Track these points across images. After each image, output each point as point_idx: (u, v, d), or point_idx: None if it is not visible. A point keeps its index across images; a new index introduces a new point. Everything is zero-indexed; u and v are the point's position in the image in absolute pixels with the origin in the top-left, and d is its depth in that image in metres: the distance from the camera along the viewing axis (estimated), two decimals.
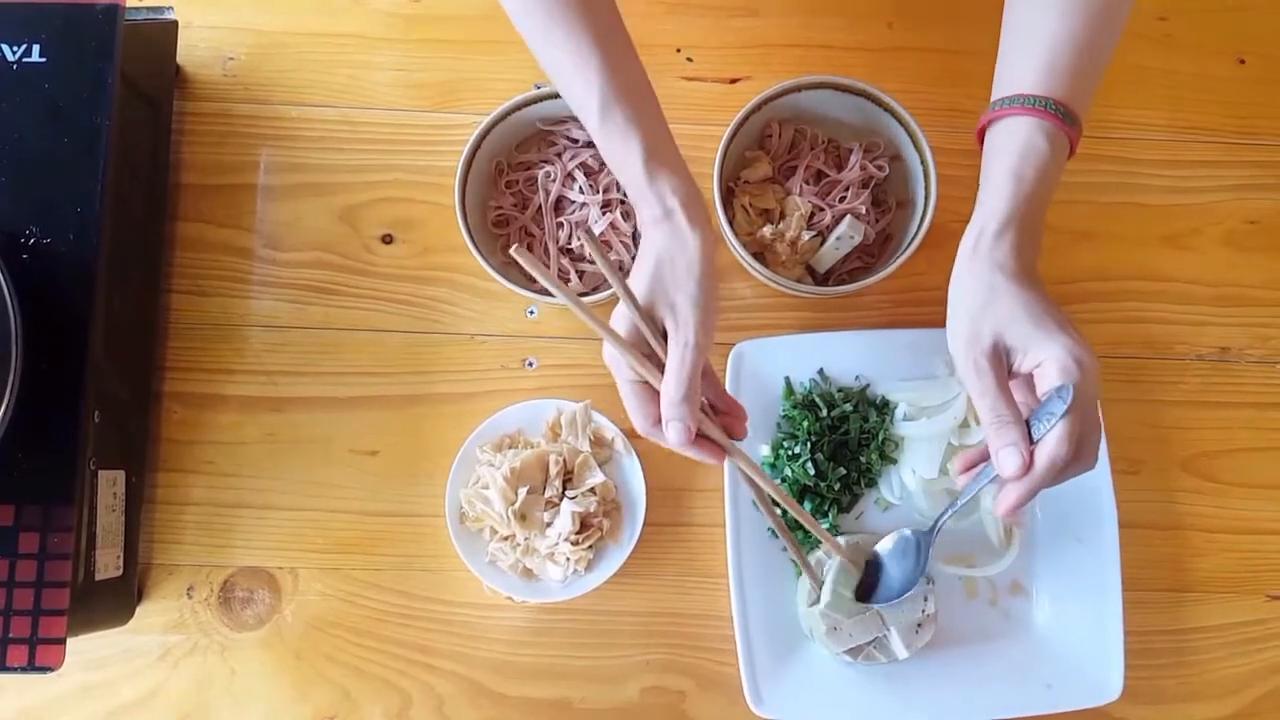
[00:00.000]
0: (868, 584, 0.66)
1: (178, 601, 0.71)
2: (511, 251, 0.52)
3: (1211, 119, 0.80)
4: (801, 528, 0.70)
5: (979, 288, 0.56)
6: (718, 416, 0.59)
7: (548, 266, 0.72)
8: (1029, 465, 0.53)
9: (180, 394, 0.74)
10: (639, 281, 0.57)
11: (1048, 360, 0.53)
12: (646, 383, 0.57)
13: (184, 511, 0.72)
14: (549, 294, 0.70)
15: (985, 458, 0.58)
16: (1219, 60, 0.81)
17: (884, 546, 0.66)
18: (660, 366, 0.56)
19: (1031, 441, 0.53)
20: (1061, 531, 0.71)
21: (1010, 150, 0.57)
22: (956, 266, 0.58)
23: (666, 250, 0.56)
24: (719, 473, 0.70)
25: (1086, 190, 0.78)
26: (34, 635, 0.59)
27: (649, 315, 0.56)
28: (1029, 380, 0.56)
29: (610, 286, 0.70)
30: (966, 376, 0.56)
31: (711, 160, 0.69)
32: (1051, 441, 0.52)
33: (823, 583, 0.66)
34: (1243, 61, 0.81)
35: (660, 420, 0.56)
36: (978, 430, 0.68)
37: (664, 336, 0.56)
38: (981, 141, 0.60)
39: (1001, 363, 0.55)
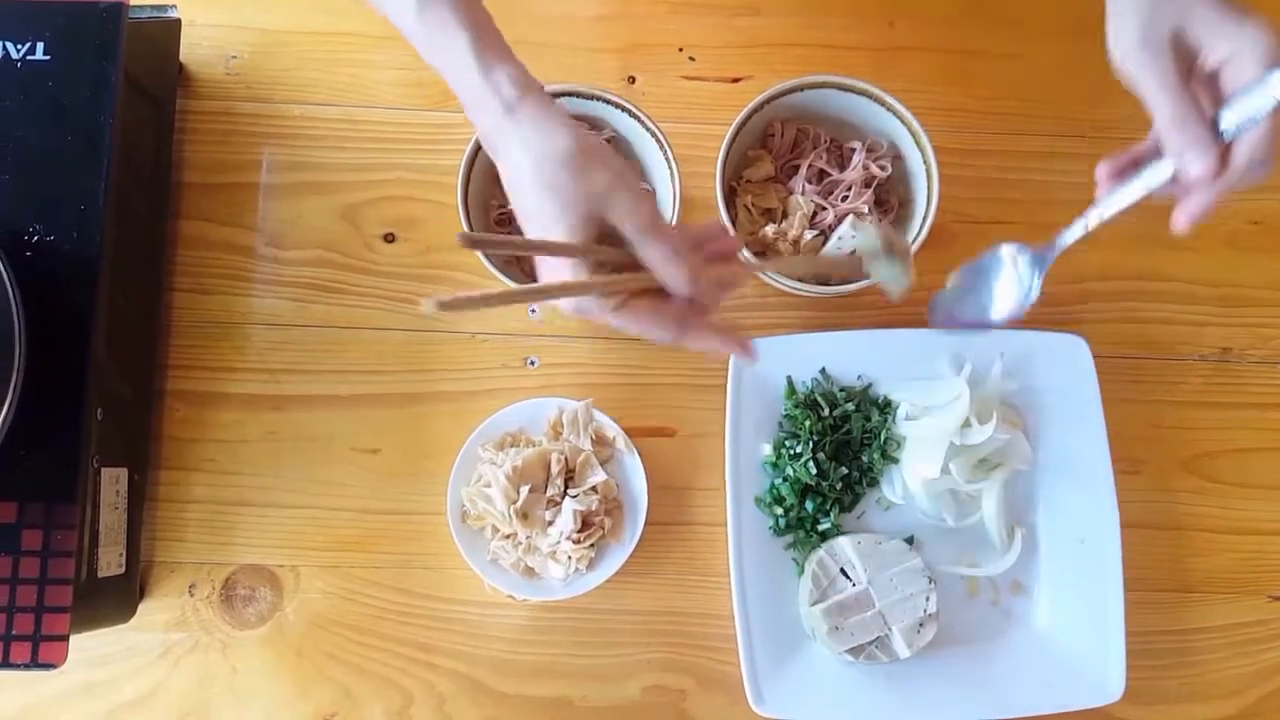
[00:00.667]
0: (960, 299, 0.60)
1: (179, 599, 0.71)
2: (457, 237, 0.47)
3: None
4: (804, 527, 0.70)
5: None
6: (710, 246, 0.54)
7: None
8: (1220, 168, 0.48)
9: (182, 392, 0.74)
10: (531, 202, 0.48)
11: (1244, 49, 0.47)
12: (631, 299, 0.50)
13: (186, 509, 0.72)
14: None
15: (1136, 164, 0.53)
16: None
17: (987, 261, 0.59)
18: (617, 269, 0.49)
19: (1219, 139, 0.48)
20: (1063, 532, 0.71)
21: None
22: None
23: (537, 147, 0.47)
24: (720, 472, 0.70)
25: (1088, 190, 0.78)
26: (37, 632, 0.59)
27: (583, 232, 0.48)
28: (1211, 82, 0.50)
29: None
30: (1142, 75, 0.50)
31: (714, 159, 0.69)
32: (1252, 139, 0.48)
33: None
34: None
35: (678, 320, 0.50)
36: (979, 430, 0.68)
37: (599, 240, 0.49)
38: None
39: (1182, 59, 0.49)
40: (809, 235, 0.71)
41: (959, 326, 0.58)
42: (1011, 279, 0.58)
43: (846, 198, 0.72)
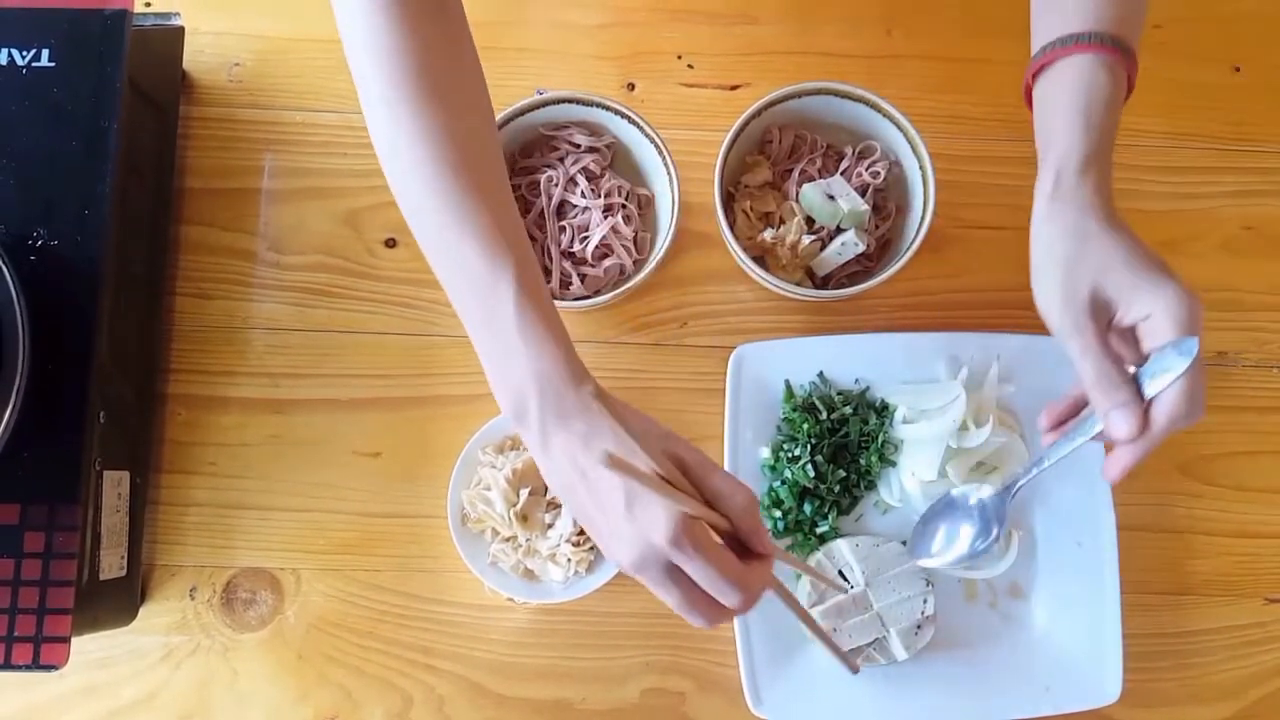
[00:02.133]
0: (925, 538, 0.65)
1: (180, 602, 0.72)
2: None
3: (1208, 126, 0.80)
4: (802, 530, 0.71)
5: (1066, 236, 0.52)
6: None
7: (549, 269, 0.73)
8: (1144, 427, 0.50)
9: (184, 396, 0.74)
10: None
11: (1158, 312, 0.49)
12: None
13: (187, 512, 0.73)
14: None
15: (1075, 413, 0.56)
16: (1215, 68, 0.81)
17: (954, 499, 0.65)
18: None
19: (1141, 399, 0.50)
20: (1060, 535, 0.71)
21: (1074, 88, 0.53)
22: (1035, 215, 0.53)
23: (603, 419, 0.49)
24: None
25: None
26: (38, 634, 0.60)
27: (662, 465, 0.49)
28: (1129, 333, 0.52)
29: (614, 288, 0.70)
30: (1066, 336, 0.52)
31: (712, 165, 0.70)
32: (1170, 400, 0.49)
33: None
34: (1238, 69, 0.81)
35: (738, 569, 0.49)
36: (976, 433, 0.69)
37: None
38: (1029, 99, 0.57)
39: (1101, 317, 0.51)
40: (806, 240, 0.72)
41: (944, 567, 0.66)
42: (974, 517, 0.64)
43: None
